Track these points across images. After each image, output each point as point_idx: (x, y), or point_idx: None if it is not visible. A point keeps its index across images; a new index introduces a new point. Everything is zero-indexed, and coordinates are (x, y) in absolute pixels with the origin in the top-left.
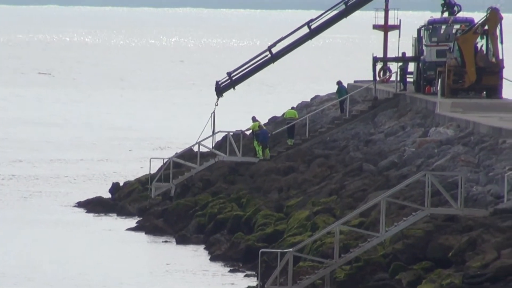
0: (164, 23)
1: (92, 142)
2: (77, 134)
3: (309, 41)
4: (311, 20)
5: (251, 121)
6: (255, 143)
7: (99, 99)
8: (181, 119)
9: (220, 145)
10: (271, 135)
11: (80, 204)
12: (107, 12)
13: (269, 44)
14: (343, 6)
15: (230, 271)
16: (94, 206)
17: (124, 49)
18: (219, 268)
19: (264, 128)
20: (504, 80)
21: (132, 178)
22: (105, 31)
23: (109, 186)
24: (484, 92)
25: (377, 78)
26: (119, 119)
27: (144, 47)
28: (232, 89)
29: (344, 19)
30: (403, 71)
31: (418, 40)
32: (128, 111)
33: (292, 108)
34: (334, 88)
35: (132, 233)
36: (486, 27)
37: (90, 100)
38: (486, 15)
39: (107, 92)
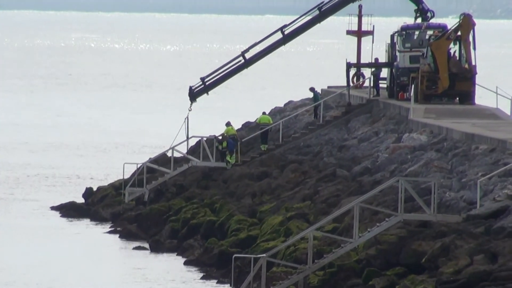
0: (141, 27)
1: (66, 145)
2: (50, 137)
3: (283, 46)
4: (285, 26)
5: (225, 126)
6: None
7: (74, 102)
8: (155, 124)
9: (194, 150)
10: (241, 142)
11: (53, 209)
12: (84, 17)
13: (243, 49)
14: (317, 12)
15: (204, 276)
16: (67, 211)
17: (102, 52)
18: (192, 274)
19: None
20: (477, 86)
21: (105, 183)
22: (82, 34)
23: (83, 190)
24: (457, 98)
25: (351, 84)
26: (92, 123)
27: (122, 51)
28: (205, 94)
29: (318, 24)
30: (376, 77)
31: (392, 46)
32: (101, 115)
33: (264, 113)
34: (307, 94)
35: (106, 238)
36: (459, 33)
37: (64, 103)
38: (459, 21)
39: (82, 95)
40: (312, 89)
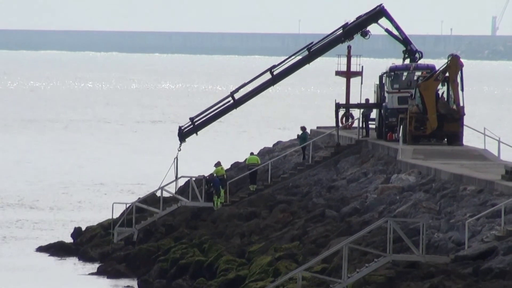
0: (133, 67)
1: (55, 185)
2: (39, 177)
3: (272, 86)
4: (274, 66)
5: (215, 166)
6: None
7: (63, 142)
8: (145, 164)
9: (183, 190)
10: (226, 181)
11: (41, 249)
12: (69, 56)
13: (232, 89)
14: (306, 52)
15: None
16: (56, 250)
17: (91, 93)
18: None
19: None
20: (465, 127)
21: (94, 223)
22: (67, 75)
23: (71, 230)
24: (445, 139)
25: (340, 124)
26: (81, 163)
27: (112, 90)
28: (195, 134)
29: (307, 65)
30: (367, 118)
31: (380, 86)
32: (89, 155)
33: (252, 153)
34: (295, 134)
35: (94, 278)
36: (447, 74)
37: (54, 142)
38: (447, 62)
39: (71, 135)
40: (303, 129)
